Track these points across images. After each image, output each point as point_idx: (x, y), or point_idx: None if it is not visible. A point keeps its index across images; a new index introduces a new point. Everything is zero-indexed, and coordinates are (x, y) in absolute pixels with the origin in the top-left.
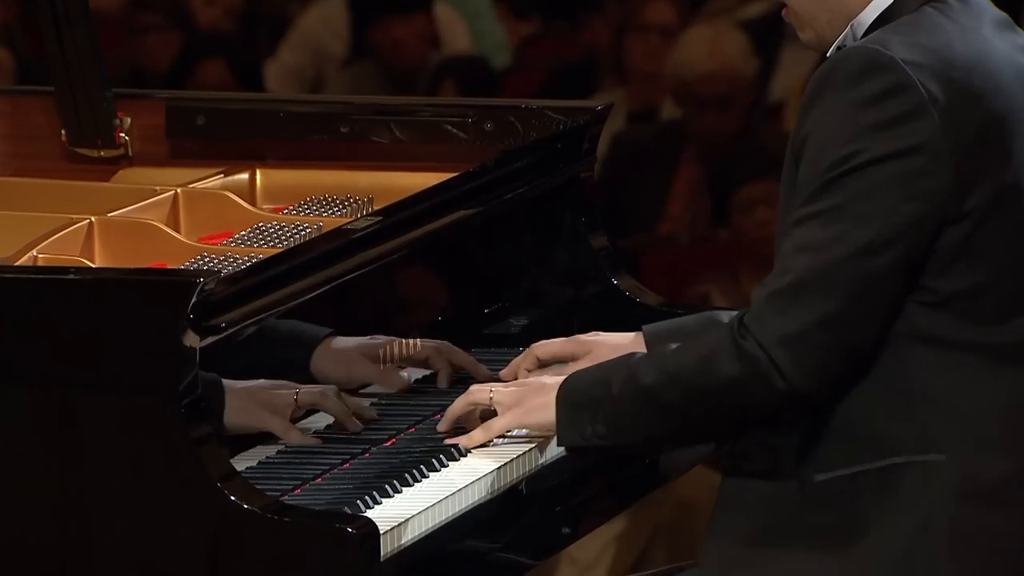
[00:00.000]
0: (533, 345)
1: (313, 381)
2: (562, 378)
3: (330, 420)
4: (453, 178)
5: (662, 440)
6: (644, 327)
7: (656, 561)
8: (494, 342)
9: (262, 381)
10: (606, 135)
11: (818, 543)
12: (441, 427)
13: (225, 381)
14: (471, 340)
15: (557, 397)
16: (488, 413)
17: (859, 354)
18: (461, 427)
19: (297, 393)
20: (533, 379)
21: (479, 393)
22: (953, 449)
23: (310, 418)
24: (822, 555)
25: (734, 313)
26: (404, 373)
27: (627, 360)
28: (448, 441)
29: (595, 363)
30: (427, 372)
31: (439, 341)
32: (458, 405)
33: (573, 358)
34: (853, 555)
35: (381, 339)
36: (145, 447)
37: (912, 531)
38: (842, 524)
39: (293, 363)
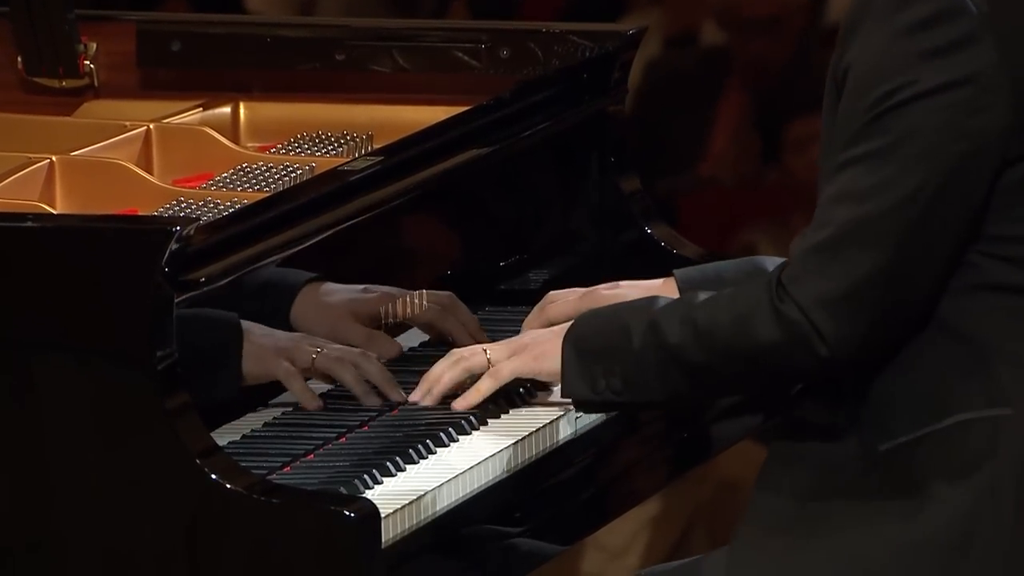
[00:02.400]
0: (545, 299)
1: (296, 331)
2: (569, 323)
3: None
4: (464, 112)
5: (686, 399)
6: (676, 271)
7: (695, 548)
8: (511, 299)
9: (288, 332)
10: (639, 63)
11: (876, 515)
12: (427, 401)
13: (244, 323)
14: (485, 297)
15: (564, 342)
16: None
17: (910, 313)
18: (447, 401)
19: (317, 353)
20: (532, 331)
21: (473, 357)
22: (1021, 401)
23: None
24: (880, 527)
25: (779, 261)
26: (397, 340)
27: (648, 307)
28: (455, 406)
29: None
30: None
31: (444, 294)
32: (448, 375)
33: None
34: (914, 524)
35: (376, 292)
36: (114, 418)
37: (978, 493)
38: (902, 492)
39: (273, 312)
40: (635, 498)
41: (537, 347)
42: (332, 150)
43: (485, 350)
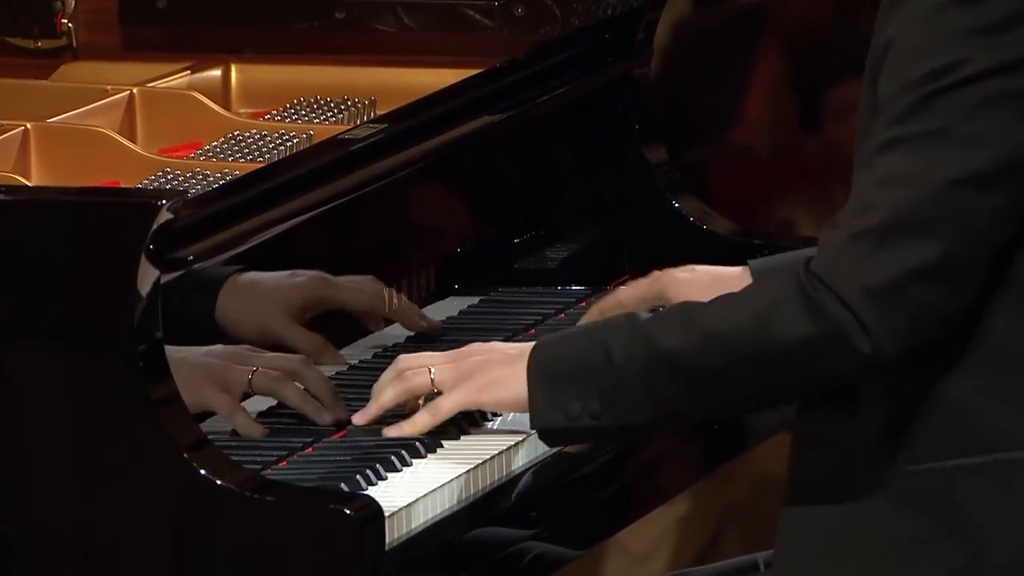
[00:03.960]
0: (616, 290)
1: (224, 332)
2: (524, 345)
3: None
4: (475, 76)
5: (681, 416)
6: (751, 261)
7: (727, 551)
8: (526, 279)
9: (218, 347)
10: (666, 22)
11: (912, 548)
12: (359, 421)
13: (172, 349)
14: (498, 277)
15: (529, 366)
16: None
17: (959, 313)
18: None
19: (253, 373)
20: (476, 346)
21: (415, 377)
22: None
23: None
24: (919, 563)
25: None
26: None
27: (630, 320)
28: (387, 432)
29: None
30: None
31: (367, 281)
32: (388, 394)
33: (664, 300)
34: (956, 564)
35: (303, 276)
36: (95, 409)
37: None
38: (939, 527)
39: (199, 311)
40: (661, 497)
41: (487, 373)
42: (331, 117)
43: (429, 368)
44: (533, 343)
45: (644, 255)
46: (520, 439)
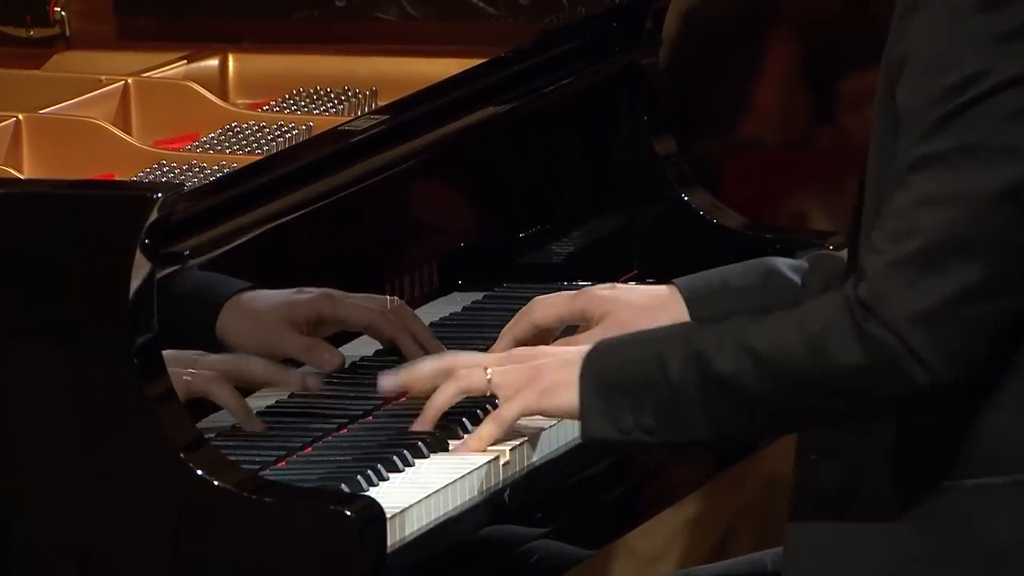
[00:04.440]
0: (530, 304)
1: (224, 350)
2: (583, 348)
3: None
4: (479, 66)
5: (736, 438)
6: (676, 280)
7: (738, 553)
8: (531, 276)
9: (170, 353)
10: (675, 10)
11: (925, 568)
12: (419, 426)
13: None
14: (503, 273)
15: (582, 375)
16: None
17: (1012, 327)
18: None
19: (191, 375)
20: (538, 348)
21: (471, 375)
22: None
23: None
24: None
25: (792, 262)
26: (336, 350)
27: (685, 333)
28: (453, 450)
29: (622, 329)
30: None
31: (389, 300)
32: (442, 395)
33: (584, 319)
34: None
35: (311, 293)
36: (89, 407)
37: None
38: (953, 547)
39: (198, 327)
40: (670, 497)
41: (546, 377)
42: (332, 108)
43: (485, 368)
44: (587, 347)
45: (652, 249)
46: (525, 438)
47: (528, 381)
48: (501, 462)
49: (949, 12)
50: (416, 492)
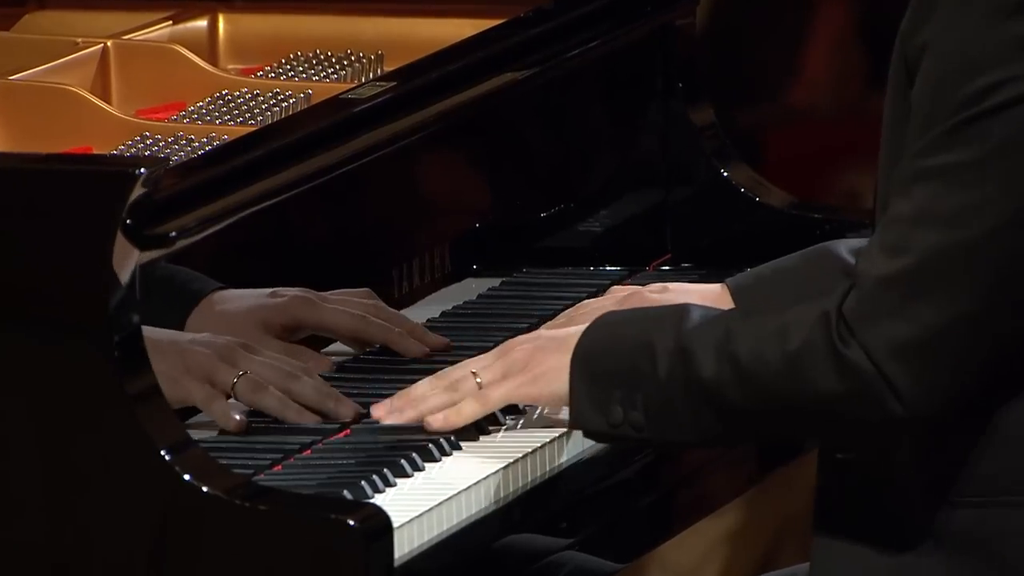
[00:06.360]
0: (577, 307)
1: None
2: (571, 331)
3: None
4: (495, 27)
5: (727, 441)
6: (728, 280)
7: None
8: (553, 260)
9: (206, 336)
10: None
11: None
12: (399, 419)
13: (150, 331)
14: (522, 257)
15: (573, 359)
16: None
17: (1003, 359)
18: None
19: (239, 378)
20: (520, 338)
21: (462, 383)
22: None
23: None
24: None
25: (855, 243)
26: (322, 357)
27: (678, 321)
28: (430, 424)
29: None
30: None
31: (362, 291)
32: (432, 401)
33: None
34: None
35: (287, 295)
36: (65, 406)
37: None
38: (978, 567)
39: (165, 323)
40: (708, 506)
41: (536, 365)
42: (333, 74)
43: (475, 373)
44: (584, 327)
45: (688, 231)
46: (550, 439)
47: (522, 366)
48: (523, 466)
49: (972, 12)
50: (426, 500)
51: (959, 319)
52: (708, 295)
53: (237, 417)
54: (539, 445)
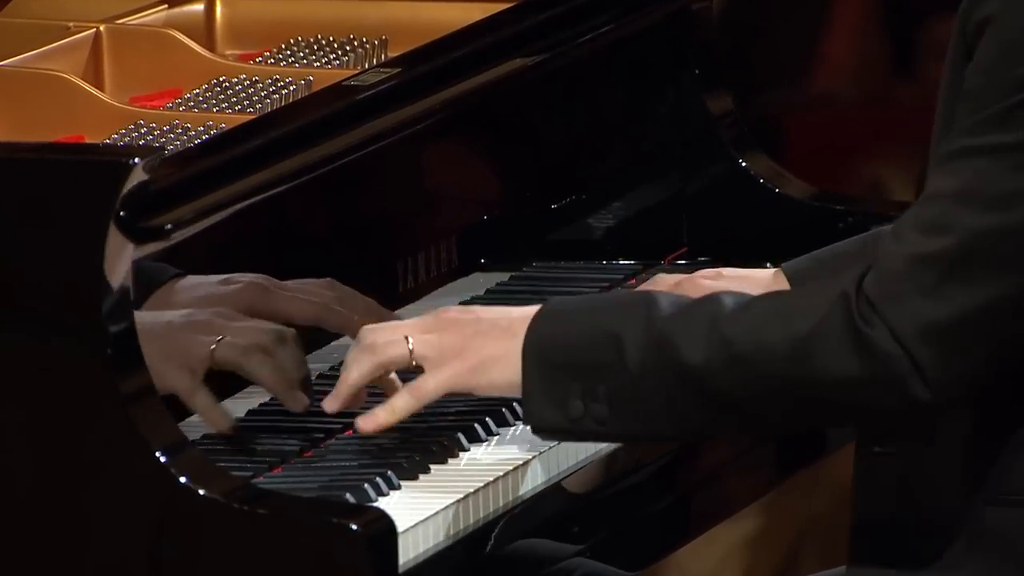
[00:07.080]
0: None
1: None
2: (517, 313)
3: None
4: (504, 11)
5: (705, 434)
6: (784, 265)
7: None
8: (564, 253)
9: (180, 313)
10: None
11: None
12: (330, 407)
13: (140, 315)
14: (532, 250)
15: (525, 347)
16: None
17: None
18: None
19: (217, 343)
20: (456, 310)
21: (389, 348)
22: None
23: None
24: None
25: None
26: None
27: (647, 308)
28: (359, 425)
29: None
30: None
31: (322, 281)
32: (356, 371)
33: None
34: None
35: (240, 282)
36: (57, 406)
37: None
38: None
39: None
40: (725, 510)
41: (475, 352)
42: (335, 60)
43: (406, 337)
44: (530, 311)
45: (705, 223)
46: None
47: (459, 352)
48: (533, 468)
49: None
50: (432, 503)
51: (996, 303)
52: (762, 281)
53: (223, 413)
54: (555, 443)
